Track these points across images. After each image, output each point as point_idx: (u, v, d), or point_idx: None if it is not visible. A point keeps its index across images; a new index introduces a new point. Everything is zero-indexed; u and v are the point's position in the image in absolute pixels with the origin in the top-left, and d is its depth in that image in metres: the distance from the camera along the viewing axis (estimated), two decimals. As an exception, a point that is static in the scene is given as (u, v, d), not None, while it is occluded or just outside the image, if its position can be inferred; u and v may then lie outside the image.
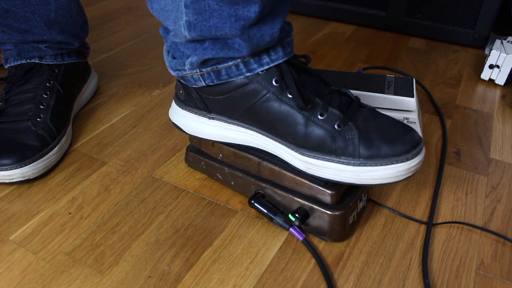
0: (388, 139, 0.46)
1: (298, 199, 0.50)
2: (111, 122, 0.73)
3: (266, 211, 0.52)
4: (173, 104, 0.58)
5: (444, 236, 0.52)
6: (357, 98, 0.50)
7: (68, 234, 0.52)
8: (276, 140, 0.50)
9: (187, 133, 0.57)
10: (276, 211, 0.52)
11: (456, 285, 0.47)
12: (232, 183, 0.57)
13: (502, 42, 0.85)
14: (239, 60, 0.47)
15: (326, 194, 0.48)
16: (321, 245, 0.51)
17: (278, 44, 0.48)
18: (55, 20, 0.67)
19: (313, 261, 0.49)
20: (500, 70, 0.83)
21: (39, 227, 0.53)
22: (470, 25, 0.97)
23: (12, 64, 0.67)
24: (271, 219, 0.52)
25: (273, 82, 0.48)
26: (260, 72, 0.48)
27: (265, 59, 0.47)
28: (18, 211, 0.55)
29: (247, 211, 0.55)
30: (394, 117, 0.64)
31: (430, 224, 0.53)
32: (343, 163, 0.46)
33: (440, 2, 0.97)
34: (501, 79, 0.84)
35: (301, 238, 0.50)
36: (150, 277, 0.47)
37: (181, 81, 0.53)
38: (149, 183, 0.60)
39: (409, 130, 0.48)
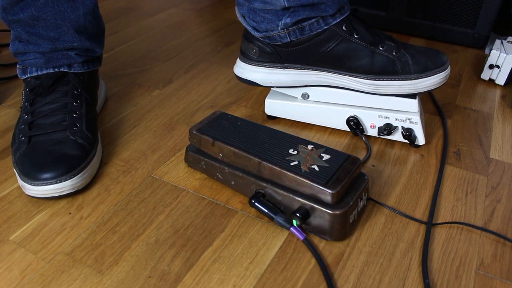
0: (429, 58, 0.63)
1: (299, 199, 0.50)
2: (111, 122, 0.73)
3: (267, 211, 0.52)
4: (243, 64, 0.68)
5: (444, 236, 0.52)
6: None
7: (68, 234, 0.52)
8: (344, 74, 0.64)
9: (262, 86, 0.68)
10: (276, 211, 0.52)
11: (456, 285, 0.47)
12: (233, 182, 0.57)
13: (502, 42, 0.85)
14: (319, 17, 0.61)
15: (327, 194, 0.48)
16: (321, 245, 0.51)
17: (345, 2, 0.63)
18: (83, 26, 0.65)
19: (313, 261, 0.49)
20: (500, 70, 0.83)
21: (39, 227, 0.53)
22: (470, 25, 0.97)
23: (35, 74, 0.64)
24: (271, 219, 0.52)
25: (344, 28, 0.62)
26: (334, 24, 0.62)
27: (337, 14, 0.62)
28: (18, 211, 0.55)
29: (247, 211, 0.55)
30: (396, 118, 0.64)
31: (430, 224, 0.53)
32: (403, 79, 0.62)
33: (440, 2, 0.97)
34: (501, 79, 0.84)
35: (302, 238, 0.50)
36: (150, 277, 0.47)
37: (265, 40, 0.65)
38: (149, 183, 0.60)
39: (437, 51, 0.64)
